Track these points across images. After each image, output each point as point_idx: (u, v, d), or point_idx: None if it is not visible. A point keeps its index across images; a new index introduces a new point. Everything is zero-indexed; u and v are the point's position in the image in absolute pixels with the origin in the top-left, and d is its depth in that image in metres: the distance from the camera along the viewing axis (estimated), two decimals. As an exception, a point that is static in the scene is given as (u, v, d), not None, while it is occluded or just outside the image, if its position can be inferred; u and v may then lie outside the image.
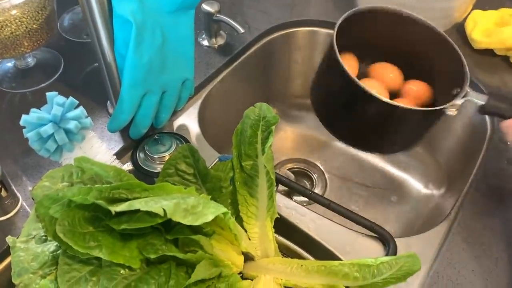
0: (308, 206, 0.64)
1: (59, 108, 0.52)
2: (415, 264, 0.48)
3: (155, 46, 0.58)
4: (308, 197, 0.63)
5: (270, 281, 0.53)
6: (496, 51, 0.81)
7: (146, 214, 0.39)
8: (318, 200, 0.62)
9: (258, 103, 0.52)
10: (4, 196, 0.57)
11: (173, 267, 0.41)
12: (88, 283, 0.39)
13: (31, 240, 0.43)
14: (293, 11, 0.93)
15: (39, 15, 0.66)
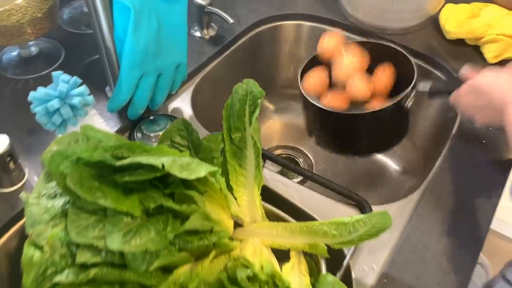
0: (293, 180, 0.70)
1: (65, 85, 0.57)
2: (386, 221, 0.54)
3: (151, 31, 0.64)
4: (292, 170, 0.69)
5: (257, 242, 0.58)
6: (467, 40, 0.87)
7: (146, 169, 0.45)
8: (301, 172, 0.68)
9: (246, 79, 0.58)
10: (12, 168, 0.61)
11: (170, 218, 0.46)
12: (95, 229, 0.44)
13: (42, 197, 0.48)
14: (281, 6, 0.99)
15: (43, 5, 0.72)
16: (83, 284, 0.44)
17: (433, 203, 0.65)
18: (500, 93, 0.59)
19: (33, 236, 0.46)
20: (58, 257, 0.45)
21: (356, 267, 0.59)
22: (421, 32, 0.92)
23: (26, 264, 0.45)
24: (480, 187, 0.67)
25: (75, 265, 0.45)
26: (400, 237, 0.61)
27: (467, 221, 0.63)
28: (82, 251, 0.44)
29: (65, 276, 0.44)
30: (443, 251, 0.59)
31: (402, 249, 0.59)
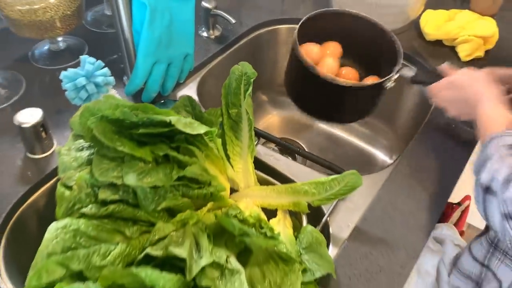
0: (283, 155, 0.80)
1: (91, 66, 0.69)
2: (357, 180, 0.64)
3: (164, 25, 0.75)
4: (282, 145, 0.79)
5: (249, 202, 0.68)
6: (444, 41, 0.98)
7: (157, 125, 0.55)
8: (290, 147, 0.78)
9: (241, 62, 0.69)
10: (43, 137, 0.72)
11: (175, 166, 0.56)
12: (114, 171, 0.54)
13: (71, 150, 0.59)
14: (278, 11, 1.10)
15: (72, 4, 0.84)
16: (102, 216, 0.55)
17: (403, 175, 0.74)
18: (475, 90, 0.68)
19: (64, 179, 0.57)
20: (84, 195, 0.55)
21: (333, 224, 0.68)
22: (404, 34, 1.03)
23: (59, 199, 0.55)
24: (445, 163, 0.77)
25: (97, 201, 0.55)
26: (372, 201, 0.71)
27: (431, 189, 0.72)
28: (103, 190, 0.55)
29: (89, 209, 0.54)
30: (409, 211, 0.69)
31: (374, 209, 0.69)
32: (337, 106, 0.81)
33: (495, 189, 0.53)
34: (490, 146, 0.57)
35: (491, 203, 0.54)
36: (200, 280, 0.48)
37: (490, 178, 0.54)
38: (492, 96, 0.66)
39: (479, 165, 0.57)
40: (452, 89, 0.72)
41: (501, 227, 0.52)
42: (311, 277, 0.56)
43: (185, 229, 0.55)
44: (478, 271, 0.73)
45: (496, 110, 0.64)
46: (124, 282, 0.47)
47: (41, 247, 0.49)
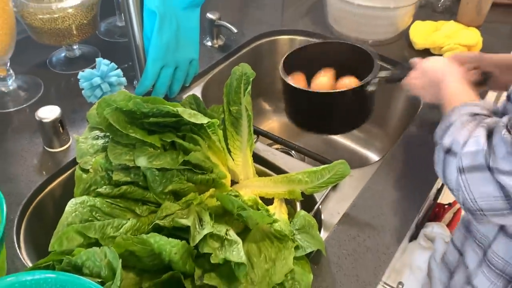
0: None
1: (105, 67, 0.76)
2: (346, 169, 0.70)
3: (172, 31, 0.83)
4: (279, 142, 0.85)
5: (248, 191, 0.75)
6: (432, 50, 1.05)
7: (165, 115, 0.62)
8: (286, 143, 0.84)
9: (241, 63, 0.76)
10: (61, 132, 0.79)
11: (181, 153, 0.63)
12: (127, 155, 0.61)
13: (88, 138, 0.66)
14: (278, 22, 1.19)
15: (88, 14, 0.92)
16: (115, 196, 0.61)
17: (390, 169, 0.80)
18: (439, 72, 0.73)
19: (82, 163, 0.64)
20: (99, 178, 0.62)
21: (325, 212, 0.74)
22: (394, 43, 1.10)
23: (77, 180, 0.62)
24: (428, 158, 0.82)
25: (111, 183, 0.62)
26: (361, 191, 0.77)
27: (415, 181, 0.78)
28: (117, 172, 0.62)
29: (104, 189, 0.61)
30: (395, 199, 0.75)
31: (362, 198, 0.75)
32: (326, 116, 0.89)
33: (455, 150, 0.57)
34: (453, 114, 0.61)
35: (451, 163, 0.58)
36: (202, 248, 0.54)
37: (451, 141, 0.59)
38: (453, 74, 0.71)
39: (441, 131, 0.62)
40: (421, 77, 0.77)
41: (457, 184, 0.57)
42: (303, 252, 0.62)
43: (189, 208, 0.61)
44: (456, 259, 0.77)
45: (458, 86, 0.69)
46: (135, 249, 0.53)
47: (62, 218, 0.56)
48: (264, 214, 0.59)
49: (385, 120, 1.11)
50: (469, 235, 0.71)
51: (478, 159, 0.54)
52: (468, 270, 0.71)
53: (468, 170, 0.55)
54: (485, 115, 0.60)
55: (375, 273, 0.64)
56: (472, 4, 1.09)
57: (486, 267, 0.66)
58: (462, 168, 0.56)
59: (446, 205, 1.21)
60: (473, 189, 0.55)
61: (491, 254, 0.65)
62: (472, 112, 0.61)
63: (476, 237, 0.69)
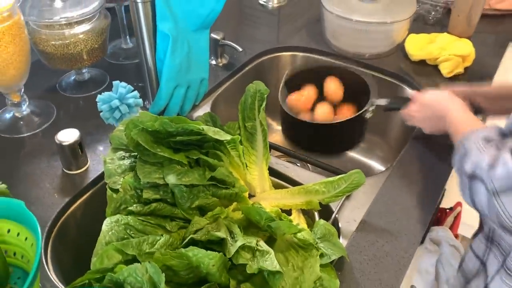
0: (292, 164, 0.89)
1: (123, 89, 0.79)
2: (361, 178, 0.73)
3: (184, 53, 0.86)
4: (291, 155, 0.89)
5: (266, 204, 0.77)
6: (427, 61, 1.10)
7: (190, 133, 0.65)
8: (298, 156, 0.88)
9: (255, 81, 0.80)
10: (80, 155, 0.81)
11: (206, 169, 0.66)
12: (156, 173, 0.63)
13: (114, 159, 0.68)
14: (279, 40, 1.23)
15: (99, 38, 0.95)
16: (146, 214, 0.63)
17: (400, 175, 0.84)
18: (442, 106, 0.79)
19: (110, 183, 0.66)
20: (129, 196, 0.64)
21: (342, 220, 0.77)
22: (391, 56, 1.15)
23: (108, 200, 0.64)
24: (433, 165, 0.86)
25: (140, 201, 0.64)
26: (375, 199, 0.80)
27: (424, 187, 0.82)
28: (146, 190, 0.64)
29: (135, 207, 0.63)
30: (408, 205, 0.78)
31: (376, 205, 0.78)
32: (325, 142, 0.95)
33: (479, 175, 0.61)
34: (468, 142, 0.66)
35: (477, 188, 0.62)
36: (237, 259, 0.57)
37: (473, 167, 0.62)
38: (456, 105, 0.77)
39: (459, 159, 0.66)
40: (422, 110, 0.84)
41: (489, 206, 0.60)
42: (328, 260, 0.64)
43: (217, 222, 0.64)
44: (476, 267, 0.79)
45: (464, 115, 0.75)
46: (173, 264, 0.55)
47: (100, 237, 0.58)
48: (291, 224, 0.62)
49: (386, 130, 1.15)
50: (492, 245, 0.73)
51: None
52: (487, 277, 0.74)
53: (502, 192, 0.58)
54: (498, 138, 0.64)
55: (396, 276, 0.67)
56: (463, 16, 1.15)
57: (504, 273, 0.69)
58: (496, 191, 0.58)
59: (447, 209, 1.26)
60: (510, 209, 0.57)
61: (510, 261, 0.68)
62: (486, 137, 0.65)
63: (501, 246, 0.71)
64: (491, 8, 1.28)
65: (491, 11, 1.28)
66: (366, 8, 1.10)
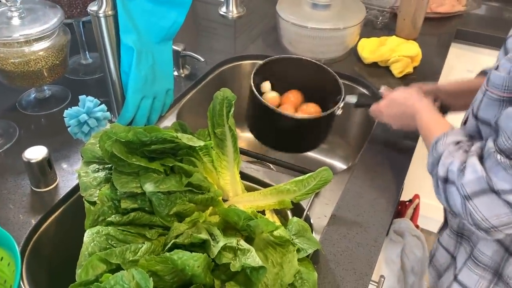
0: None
1: (90, 103, 0.79)
2: (329, 175, 0.77)
3: (148, 64, 0.87)
4: (260, 158, 0.91)
5: (240, 207, 0.79)
6: (379, 63, 1.17)
7: (164, 142, 0.66)
8: (266, 159, 0.91)
9: (222, 88, 0.82)
10: (48, 172, 0.81)
11: (183, 175, 0.67)
12: (133, 182, 0.64)
13: (88, 172, 0.69)
14: (238, 49, 1.26)
15: (59, 55, 0.94)
16: (125, 223, 0.64)
17: (363, 171, 0.89)
18: (410, 104, 0.81)
19: (87, 196, 0.66)
20: (107, 208, 0.65)
21: (313, 216, 0.81)
22: (345, 60, 1.21)
23: (87, 212, 0.64)
24: (392, 160, 0.92)
25: (118, 212, 0.65)
26: (342, 194, 0.84)
27: (387, 180, 0.87)
28: (124, 200, 0.65)
29: (114, 218, 0.63)
30: (373, 198, 0.83)
31: (344, 199, 0.82)
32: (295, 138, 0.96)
33: (452, 179, 0.64)
34: (438, 146, 0.68)
35: (451, 191, 0.64)
36: (220, 259, 0.59)
37: (445, 170, 0.65)
38: (425, 106, 0.79)
39: (432, 163, 0.69)
40: (390, 106, 0.86)
41: (463, 209, 0.62)
42: (304, 254, 0.67)
43: (197, 226, 0.65)
44: (448, 262, 0.83)
45: (433, 116, 0.77)
46: (158, 269, 0.57)
47: (82, 249, 0.58)
48: (269, 222, 0.65)
49: (345, 130, 1.21)
50: (462, 240, 0.78)
51: (481, 185, 0.59)
52: (456, 268, 0.78)
53: (474, 196, 0.60)
54: (466, 141, 0.67)
55: (369, 264, 0.71)
56: (408, 20, 1.23)
57: (472, 262, 0.74)
58: (468, 195, 0.61)
59: (407, 201, 1.32)
60: (483, 211, 0.60)
61: (477, 252, 0.72)
62: (455, 141, 0.67)
63: (471, 239, 0.75)
64: (433, 11, 1.38)
65: (432, 14, 1.38)
66: (319, 16, 1.16)
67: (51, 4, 0.96)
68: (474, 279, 0.74)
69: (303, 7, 1.18)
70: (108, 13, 0.80)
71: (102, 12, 0.80)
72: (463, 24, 1.41)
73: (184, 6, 0.87)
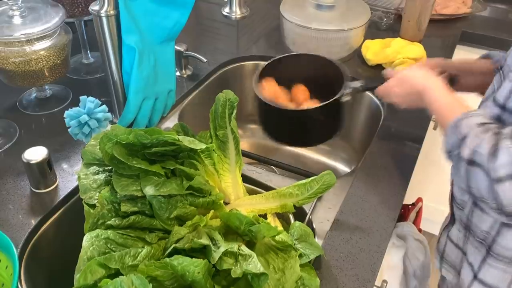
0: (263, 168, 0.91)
1: (91, 104, 0.78)
2: (332, 179, 0.76)
3: (150, 65, 0.86)
4: (262, 161, 0.90)
5: (242, 210, 0.78)
6: (383, 65, 1.16)
7: (165, 144, 0.65)
8: (269, 162, 0.90)
9: (225, 90, 0.81)
10: (48, 173, 0.80)
11: (184, 178, 0.66)
12: (133, 186, 0.63)
13: (88, 174, 0.68)
14: (241, 50, 1.25)
15: (61, 54, 0.93)
16: (125, 227, 0.63)
17: (366, 175, 0.88)
18: (418, 81, 0.77)
19: (86, 199, 0.65)
20: (106, 211, 0.64)
21: (316, 221, 0.80)
22: (349, 61, 1.20)
23: (86, 215, 0.63)
24: (396, 164, 0.91)
25: (118, 215, 0.64)
26: (345, 198, 0.83)
27: (390, 184, 0.86)
28: (124, 203, 0.64)
29: (114, 221, 0.62)
30: (376, 202, 0.82)
31: (347, 204, 0.81)
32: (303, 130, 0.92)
33: (479, 161, 0.61)
34: (461, 126, 0.65)
35: (476, 173, 0.62)
36: (221, 265, 0.58)
37: (471, 152, 0.62)
38: (435, 84, 0.75)
39: (455, 143, 0.65)
40: (397, 85, 0.81)
41: (488, 192, 0.60)
42: (306, 259, 0.66)
43: (198, 230, 0.64)
44: (460, 258, 0.82)
45: (448, 97, 0.73)
46: (157, 274, 0.56)
47: (81, 253, 0.57)
48: (271, 227, 0.64)
49: (349, 132, 1.20)
50: (469, 234, 0.76)
51: None
52: (473, 267, 0.77)
53: (508, 179, 0.58)
54: (491, 123, 0.64)
55: (372, 270, 0.70)
56: (413, 21, 1.22)
57: (494, 260, 0.73)
58: (499, 178, 0.59)
59: (409, 205, 1.31)
60: None
61: (497, 247, 0.71)
62: (480, 122, 0.64)
63: (476, 235, 0.74)
64: (438, 13, 1.36)
65: (437, 16, 1.36)
66: (323, 17, 1.14)
67: (53, 3, 0.95)
68: (498, 275, 0.73)
69: (307, 8, 1.17)
70: (110, 13, 0.79)
71: (104, 12, 0.79)
72: (468, 26, 1.39)
73: (187, 7, 0.86)
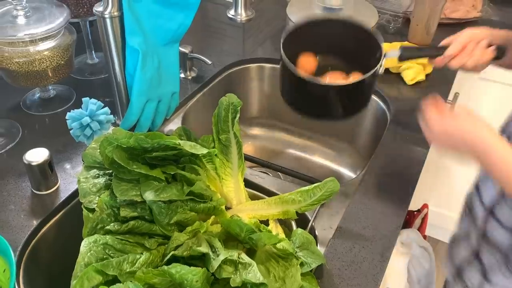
0: (266, 174, 0.90)
1: (93, 106, 0.78)
2: (335, 186, 0.75)
3: (154, 67, 0.85)
4: (266, 166, 0.89)
5: (244, 216, 0.78)
6: (391, 69, 1.14)
7: (166, 148, 0.64)
8: (272, 167, 0.89)
9: (228, 94, 0.80)
10: (50, 174, 0.79)
11: (184, 184, 0.65)
12: (133, 190, 0.62)
13: (88, 178, 0.67)
14: (246, 52, 1.24)
15: (65, 55, 0.93)
16: (124, 232, 0.62)
17: (371, 181, 0.86)
18: (477, 140, 0.65)
19: (86, 203, 0.64)
20: (106, 216, 0.63)
21: (318, 227, 0.78)
22: (356, 65, 1.18)
23: (85, 220, 0.62)
24: (402, 171, 0.89)
25: (117, 220, 0.63)
26: (348, 205, 0.82)
27: (395, 192, 0.84)
28: (123, 208, 0.63)
29: (113, 226, 0.62)
30: (380, 210, 0.80)
31: (351, 211, 0.80)
32: (333, 105, 0.85)
33: None
34: None
35: None
36: (220, 273, 0.57)
37: None
38: (494, 140, 0.65)
39: None
40: (450, 140, 0.70)
41: None
42: (308, 268, 0.65)
43: (197, 236, 0.63)
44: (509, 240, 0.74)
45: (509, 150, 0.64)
46: (155, 282, 0.55)
47: (78, 259, 0.56)
48: (272, 235, 0.63)
49: (354, 137, 1.18)
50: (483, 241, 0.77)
51: None
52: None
53: None
54: None
55: (374, 280, 0.69)
56: (421, 25, 1.20)
57: None
58: None
59: (415, 211, 1.30)
60: None
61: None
62: None
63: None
64: (447, 17, 1.34)
65: (446, 20, 1.34)
66: (330, 19, 1.13)
67: (57, 3, 0.94)
68: None
69: (314, 10, 1.16)
70: (114, 14, 0.79)
71: (108, 13, 0.78)
72: (478, 30, 1.37)
73: (192, 9, 0.85)
